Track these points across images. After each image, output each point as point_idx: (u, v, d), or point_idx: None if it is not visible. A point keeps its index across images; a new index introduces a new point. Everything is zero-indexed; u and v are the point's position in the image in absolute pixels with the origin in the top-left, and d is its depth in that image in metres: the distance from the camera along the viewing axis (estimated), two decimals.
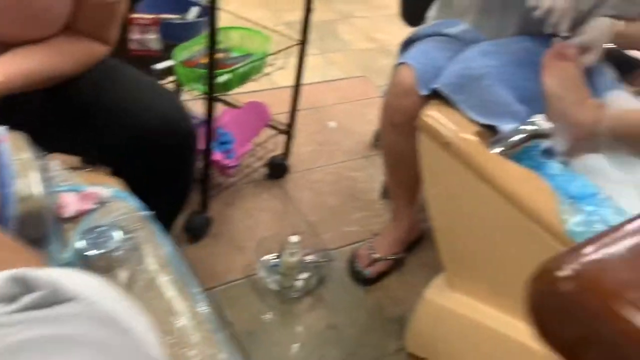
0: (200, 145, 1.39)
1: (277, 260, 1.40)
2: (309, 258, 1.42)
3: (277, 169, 1.72)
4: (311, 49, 2.60)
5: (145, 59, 1.49)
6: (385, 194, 1.70)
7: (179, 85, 1.47)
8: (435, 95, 1.13)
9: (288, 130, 1.68)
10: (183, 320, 0.66)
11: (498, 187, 0.97)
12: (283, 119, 1.69)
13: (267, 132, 1.70)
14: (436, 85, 1.11)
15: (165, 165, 0.95)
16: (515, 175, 0.97)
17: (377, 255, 1.44)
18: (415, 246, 1.55)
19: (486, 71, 1.10)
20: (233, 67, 1.35)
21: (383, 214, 1.67)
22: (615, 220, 0.86)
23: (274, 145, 1.71)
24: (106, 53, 0.93)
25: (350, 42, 2.72)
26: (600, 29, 1.16)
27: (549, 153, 1.13)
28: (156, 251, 0.74)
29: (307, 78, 2.33)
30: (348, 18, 2.96)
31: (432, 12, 1.42)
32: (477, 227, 1.07)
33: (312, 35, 2.71)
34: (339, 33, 2.80)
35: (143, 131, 0.89)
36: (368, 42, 2.73)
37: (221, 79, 1.32)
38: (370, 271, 1.43)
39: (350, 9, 3.05)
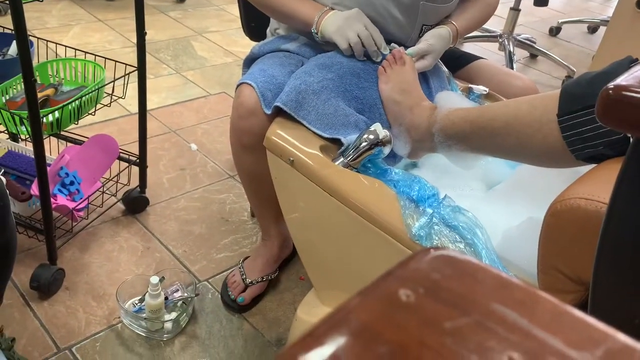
0: (35, 192, 1.27)
1: (141, 303, 1.31)
2: (177, 295, 1.34)
3: (135, 203, 1.61)
4: (166, 69, 2.51)
5: None
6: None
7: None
8: (281, 113, 1.11)
9: (140, 161, 1.58)
10: None
11: (345, 199, 0.96)
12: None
13: (121, 164, 1.59)
14: (277, 103, 1.09)
15: None
16: (359, 186, 0.97)
17: (249, 280, 1.40)
18: (290, 262, 1.53)
19: (324, 84, 1.09)
20: (61, 105, 1.23)
21: (255, 234, 1.63)
22: (454, 218, 0.89)
23: (130, 178, 1.61)
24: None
25: (207, 58, 2.65)
26: (438, 37, 1.21)
27: (395, 157, 1.15)
28: None
29: (163, 100, 2.26)
30: (202, 34, 2.89)
31: (270, 27, 1.40)
32: (333, 240, 1.06)
33: (166, 55, 2.65)
34: (195, 50, 2.72)
35: None
36: (225, 56, 2.69)
37: (49, 118, 1.20)
38: (244, 297, 1.38)
39: (204, 25, 2.98)
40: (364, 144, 1.01)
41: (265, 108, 1.12)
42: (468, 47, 2.97)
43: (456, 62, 1.40)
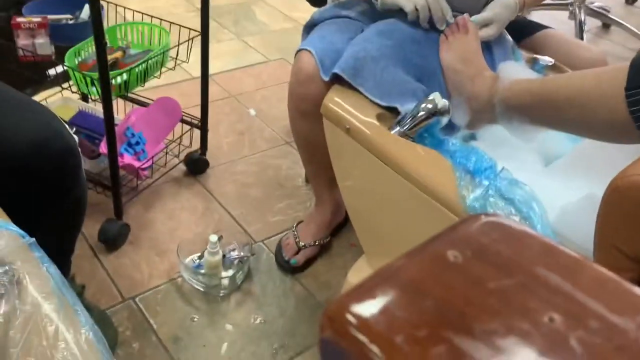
0: (104, 150, 1.34)
1: (200, 260, 1.37)
2: (234, 254, 1.39)
3: (196, 165, 1.67)
4: (227, 34, 2.55)
5: (39, 64, 1.41)
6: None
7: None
8: (340, 80, 1.11)
9: (201, 124, 1.63)
10: (67, 352, 0.63)
11: (400, 168, 0.97)
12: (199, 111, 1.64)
13: (184, 127, 1.65)
14: (335, 70, 1.10)
15: (44, 189, 0.90)
16: (415, 156, 0.97)
17: (302, 243, 1.44)
18: (342, 228, 1.56)
19: (383, 52, 1.09)
20: (129, 67, 1.29)
21: (309, 199, 1.66)
22: (510, 191, 0.88)
23: (192, 140, 1.67)
24: None
25: (267, 23, 2.67)
26: (504, 6, 1.17)
27: (453, 127, 1.14)
28: (38, 281, 0.69)
29: (224, 65, 2.30)
30: None
31: None
32: (386, 207, 1.07)
33: (228, 20, 2.68)
34: (255, 15, 2.74)
35: (10, 158, 0.84)
36: (285, 22, 2.69)
37: (117, 80, 1.26)
38: (297, 259, 1.42)
39: None
40: (422, 113, 1.00)
41: (324, 74, 1.13)
42: (536, 15, 2.84)
43: (522, 31, 1.35)
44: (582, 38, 2.55)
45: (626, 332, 0.22)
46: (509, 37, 1.26)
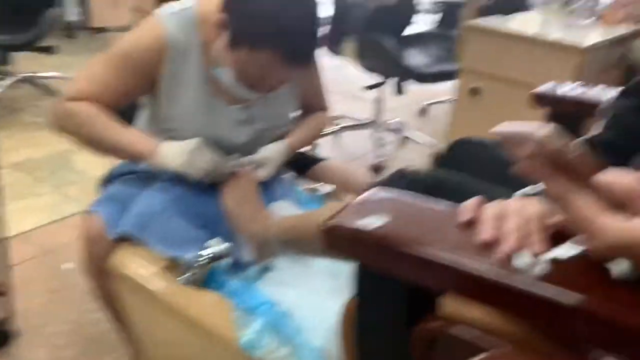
0: None
1: None
2: None
3: (1, 337, 1.55)
4: (44, 187, 2.49)
5: None
6: None
7: None
8: (127, 237, 1.15)
9: (4, 291, 1.55)
10: None
11: (184, 316, 1.01)
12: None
13: None
14: (121, 229, 1.14)
15: None
16: (199, 302, 1.03)
17: None
18: None
19: (165, 205, 1.16)
20: None
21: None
22: (282, 323, 0.96)
23: None
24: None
25: (86, 171, 2.66)
26: (273, 149, 1.32)
27: (243, 265, 1.22)
28: None
29: (39, 220, 2.22)
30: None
31: None
32: (178, 356, 1.09)
33: (44, 172, 2.62)
34: (74, 163, 2.72)
35: None
36: (105, 168, 2.70)
37: None
38: None
39: None
40: (203, 259, 1.07)
41: (110, 234, 1.17)
42: (347, 135, 3.19)
43: (303, 165, 1.52)
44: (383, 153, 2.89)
45: None
46: (288, 174, 1.42)
